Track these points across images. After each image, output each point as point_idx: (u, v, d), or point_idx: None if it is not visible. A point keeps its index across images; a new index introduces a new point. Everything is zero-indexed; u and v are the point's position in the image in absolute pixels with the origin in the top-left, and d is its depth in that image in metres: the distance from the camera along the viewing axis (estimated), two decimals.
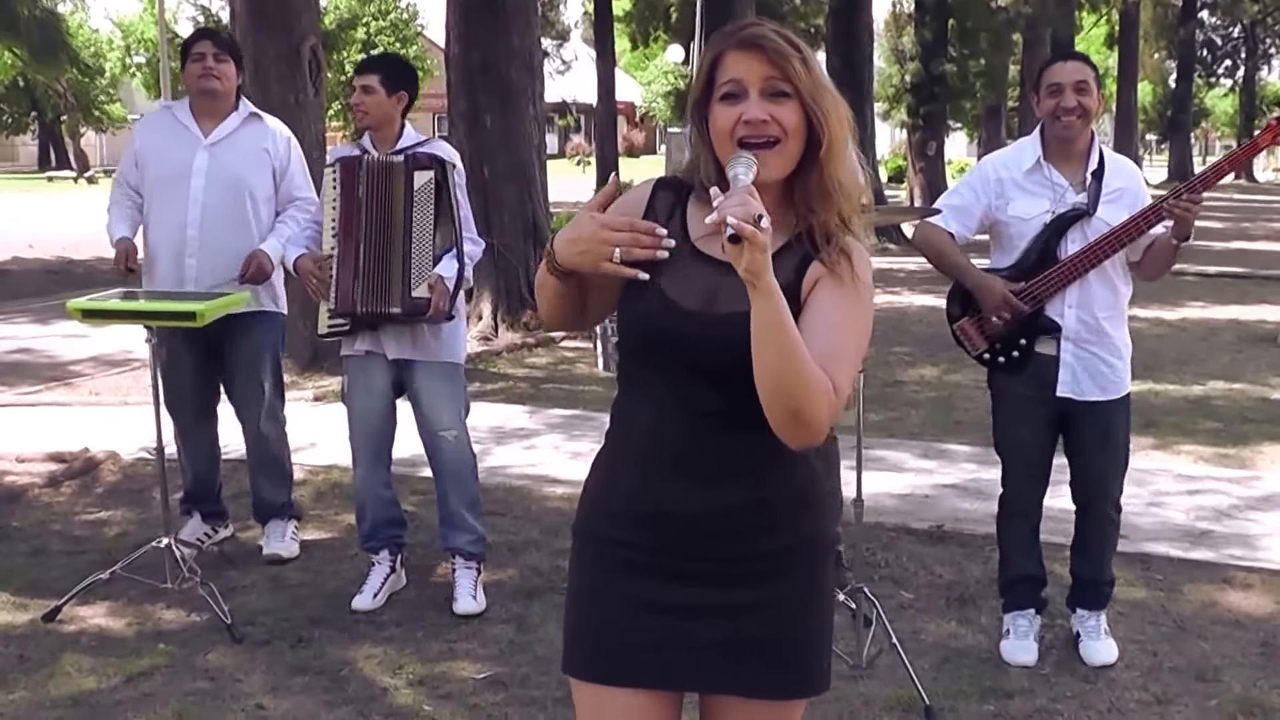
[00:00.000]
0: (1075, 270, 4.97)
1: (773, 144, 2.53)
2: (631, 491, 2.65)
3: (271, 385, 6.52)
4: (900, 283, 18.18)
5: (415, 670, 5.18)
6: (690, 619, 2.62)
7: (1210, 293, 16.73)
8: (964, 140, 55.91)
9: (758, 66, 2.52)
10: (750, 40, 2.53)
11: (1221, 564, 6.36)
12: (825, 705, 4.83)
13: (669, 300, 2.56)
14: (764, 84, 2.52)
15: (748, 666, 2.62)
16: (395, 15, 56.68)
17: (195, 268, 6.19)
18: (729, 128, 2.53)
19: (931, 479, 7.96)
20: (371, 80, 5.74)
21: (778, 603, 2.63)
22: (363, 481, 5.97)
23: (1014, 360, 5.16)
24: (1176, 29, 58.56)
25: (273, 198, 6.37)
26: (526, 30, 13.82)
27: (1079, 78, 4.96)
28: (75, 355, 12.69)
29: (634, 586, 2.65)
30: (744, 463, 2.59)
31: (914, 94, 29.96)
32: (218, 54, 6.27)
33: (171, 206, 6.23)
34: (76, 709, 4.83)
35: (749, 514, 2.60)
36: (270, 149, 6.36)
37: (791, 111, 2.52)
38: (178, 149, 6.27)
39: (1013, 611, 5.37)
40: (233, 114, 6.35)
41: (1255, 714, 4.78)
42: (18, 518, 7.18)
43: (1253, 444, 8.83)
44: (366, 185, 5.66)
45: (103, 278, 11.28)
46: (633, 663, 2.65)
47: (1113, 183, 5.01)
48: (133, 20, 58.92)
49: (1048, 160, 5.07)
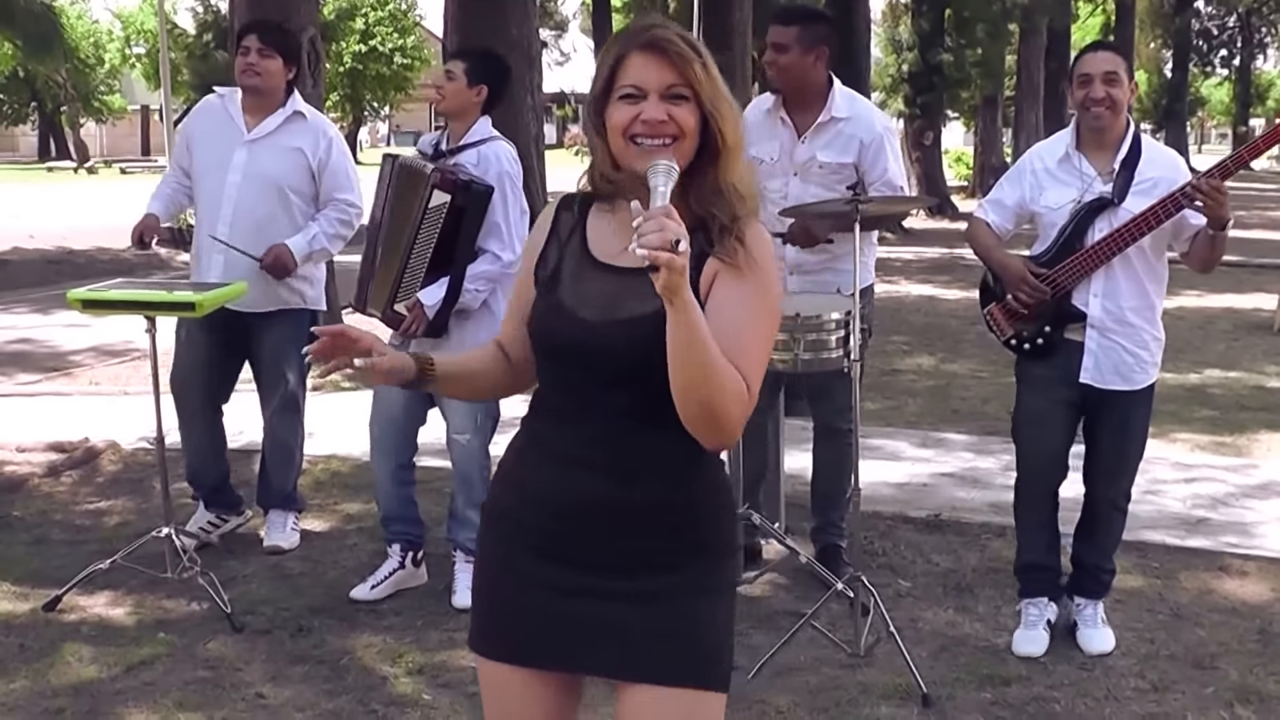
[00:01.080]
0: (1097, 257, 4.98)
1: (669, 143, 2.56)
2: (545, 480, 2.71)
3: (294, 379, 6.52)
4: (897, 272, 18.19)
5: (415, 659, 5.19)
6: (589, 604, 2.67)
7: (1206, 281, 16.56)
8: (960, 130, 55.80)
9: (659, 71, 2.55)
10: (654, 44, 2.56)
11: (1218, 552, 6.38)
12: (824, 694, 4.85)
13: (568, 311, 2.66)
14: (664, 89, 2.55)
15: (642, 652, 2.66)
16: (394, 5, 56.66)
17: (223, 263, 6.17)
18: (625, 124, 2.56)
19: (929, 468, 7.98)
20: (456, 67, 5.73)
21: (676, 594, 2.67)
22: (378, 474, 5.99)
23: (1039, 347, 5.19)
24: (1172, 18, 58.57)
25: (311, 197, 6.31)
26: (524, 20, 13.81)
27: (1108, 68, 4.97)
28: (75, 345, 12.69)
29: (539, 570, 2.70)
30: (657, 462, 2.64)
31: (911, 84, 29.93)
32: (262, 49, 6.21)
33: (208, 200, 6.25)
34: (77, 698, 4.85)
35: (659, 511, 2.66)
36: (307, 148, 6.27)
37: (689, 113, 2.56)
38: (221, 141, 6.26)
39: (1026, 599, 5.39)
40: (278, 110, 6.29)
41: (1252, 701, 4.80)
42: (18, 507, 7.18)
43: (1249, 432, 8.85)
44: (394, 186, 5.66)
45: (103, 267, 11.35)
46: (532, 643, 2.71)
47: (1146, 172, 5.00)
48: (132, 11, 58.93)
49: (1080, 150, 5.10)
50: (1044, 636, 5.28)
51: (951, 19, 30.57)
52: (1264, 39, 69.36)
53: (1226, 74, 71.77)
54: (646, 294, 2.39)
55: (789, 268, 5.94)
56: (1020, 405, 5.37)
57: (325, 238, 6.22)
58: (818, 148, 5.83)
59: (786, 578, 6.02)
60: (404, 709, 4.77)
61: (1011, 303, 5.17)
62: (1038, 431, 5.30)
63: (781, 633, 5.21)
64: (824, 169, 5.81)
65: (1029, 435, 5.35)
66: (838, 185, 5.69)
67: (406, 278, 5.56)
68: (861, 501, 5.32)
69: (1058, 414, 5.21)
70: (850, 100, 5.93)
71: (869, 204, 5.22)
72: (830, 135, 5.83)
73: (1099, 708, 4.77)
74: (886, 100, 32.43)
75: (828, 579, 5.56)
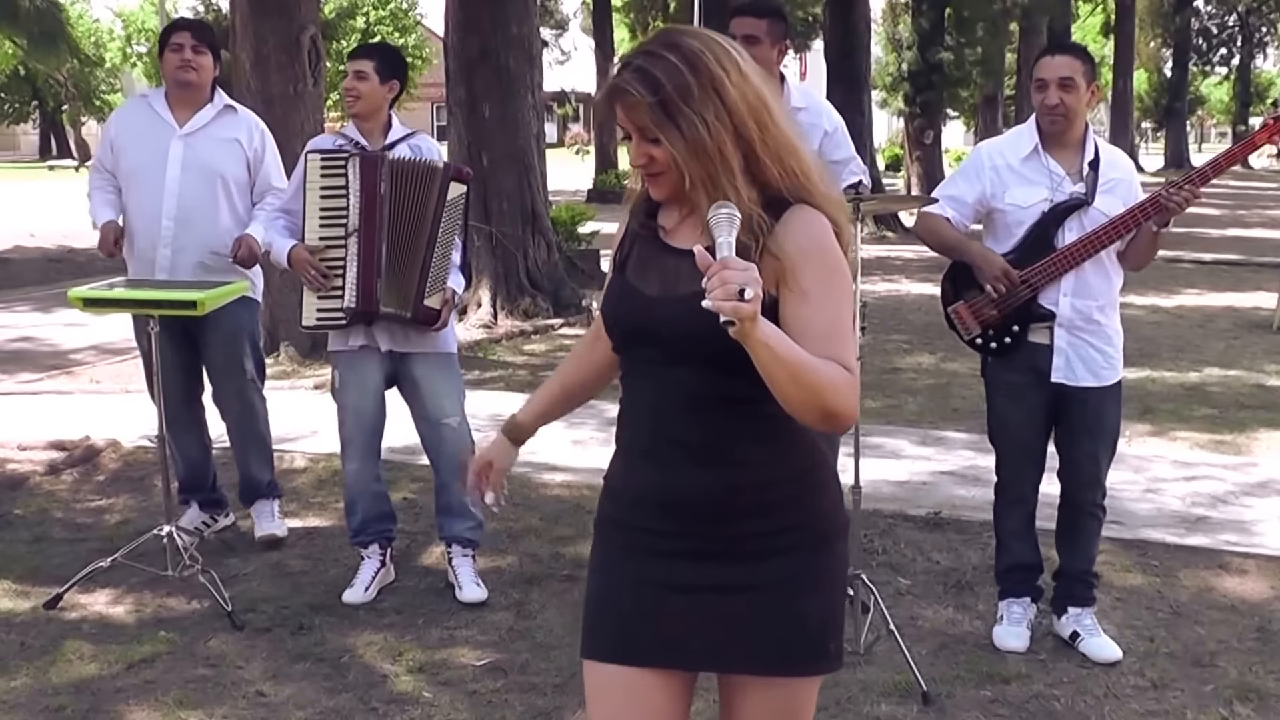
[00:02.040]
0: (1072, 259, 4.99)
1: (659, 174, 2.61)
2: (638, 477, 2.72)
3: (253, 366, 6.55)
4: (898, 270, 18.19)
5: (415, 657, 5.20)
6: (697, 599, 2.65)
7: (1206, 280, 16.74)
8: (961, 129, 55.86)
9: (625, 116, 2.58)
10: (609, 95, 2.59)
11: (1217, 550, 6.38)
12: (824, 692, 4.84)
13: (631, 289, 2.70)
14: (637, 131, 2.58)
15: (754, 644, 2.65)
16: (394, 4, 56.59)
17: (169, 258, 6.20)
18: (632, 161, 2.65)
19: (929, 466, 7.98)
20: (365, 66, 5.73)
21: (782, 581, 2.65)
22: (355, 476, 5.96)
23: (1005, 346, 5.20)
24: (1172, 17, 58.60)
25: (248, 188, 6.39)
26: (525, 19, 13.83)
27: (1064, 74, 4.98)
28: (76, 344, 12.70)
29: (644, 568, 2.70)
30: (743, 442, 2.62)
31: (911, 82, 29.95)
32: (196, 45, 6.28)
33: (147, 196, 6.24)
34: (78, 696, 4.85)
35: (751, 493, 2.63)
36: (243, 139, 6.36)
37: (663, 151, 2.56)
38: (153, 139, 6.28)
39: (1008, 599, 5.39)
40: (208, 105, 6.34)
41: (1251, 699, 4.80)
42: (19, 505, 7.19)
43: (1248, 430, 8.85)
44: (391, 184, 5.62)
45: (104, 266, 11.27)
46: (643, 643, 2.69)
47: (1108, 173, 5.04)
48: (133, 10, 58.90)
49: (1045, 149, 5.10)
50: (1025, 634, 5.30)
51: (951, 18, 30.60)
52: (1264, 38, 69.42)
53: (1226, 73, 71.82)
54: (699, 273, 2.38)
55: None
56: (993, 411, 5.38)
57: (281, 227, 6.21)
58: None
59: None
60: (404, 706, 4.78)
61: (982, 297, 5.17)
62: (1013, 435, 5.31)
63: None
64: None
65: (1005, 439, 5.35)
66: None
67: (434, 271, 5.61)
68: (862, 499, 5.32)
69: (1032, 417, 5.23)
70: (805, 92, 6.00)
71: (869, 202, 5.22)
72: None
73: (1098, 705, 4.77)
74: (887, 99, 32.51)
75: None
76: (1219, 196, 36.59)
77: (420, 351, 5.79)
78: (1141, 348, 11.66)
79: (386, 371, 5.85)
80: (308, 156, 5.75)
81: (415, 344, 5.77)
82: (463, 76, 13.62)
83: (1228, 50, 69.36)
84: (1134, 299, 14.79)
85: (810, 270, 2.55)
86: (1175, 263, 17.76)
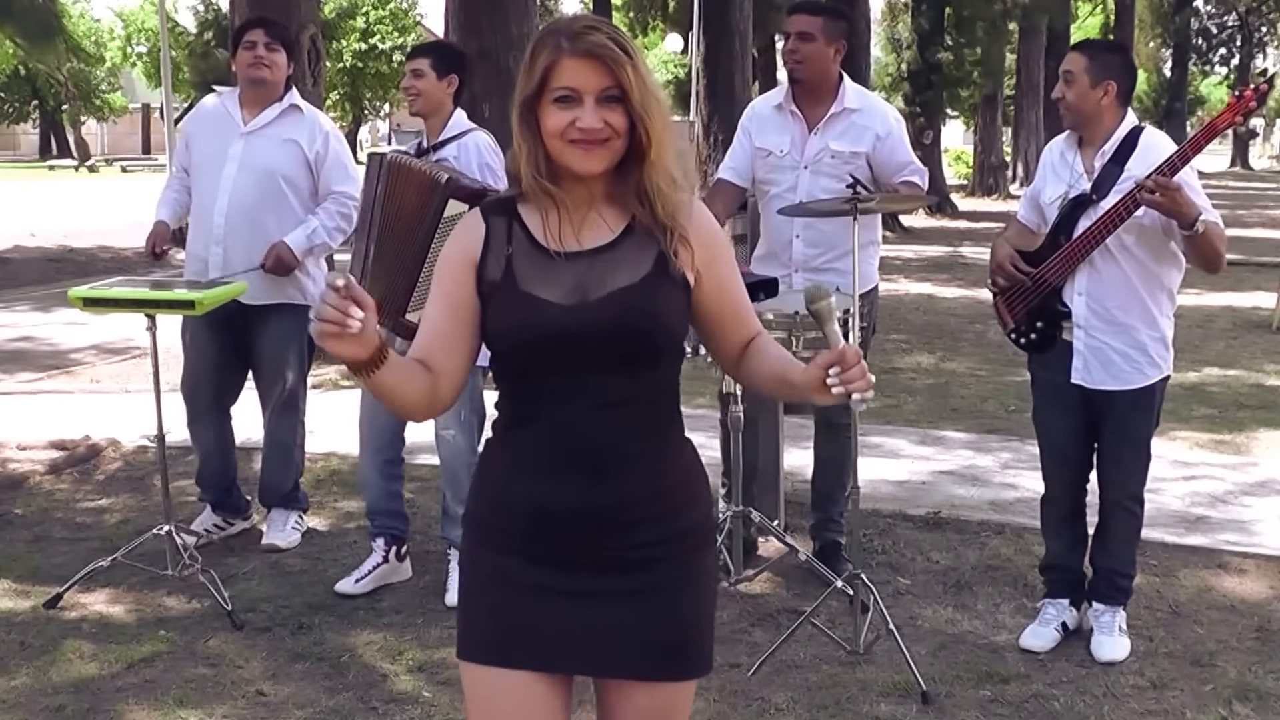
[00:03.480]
0: (1075, 255, 4.99)
1: (604, 141, 2.60)
2: (527, 486, 2.70)
3: (294, 377, 6.51)
4: (898, 270, 18.21)
5: (415, 656, 5.20)
6: (576, 604, 2.69)
7: (1205, 279, 16.51)
8: (960, 129, 55.87)
9: (594, 76, 2.56)
10: (589, 51, 2.56)
11: (1217, 549, 6.39)
12: (823, 691, 4.86)
13: (540, 301, 2.63)
14: (599, 92, 2.57)
15: (635, 650, 2.71)
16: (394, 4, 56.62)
17: (221, 255, 6.18)
18: (560, 129, 2.58)
19: (928, 466, 7.99)
20: (422, 64, 5.74)
21: (659, 588, 2.71)
22: (363, 468, 6.02)
23: (1032, 342, 5.23)
24: (1172, 17, 58.61)
25: (309, 190, 6.31)
26: (525, 19, 13.80)
27: (1065, 67, 5.04)
28: (76, 343, 12.69)
29: (526, 573, 2.71)
30: (636, 455, 2.67)
31: (911, 82, 29.98)
32: (269, 43, 6.24)
33: (206, 193, 6.25)
34: (78, 695, 4.85)
35: (640, 504, 2.68)
36: (303, 140, 6.27)
37: (621, 115, 2.58)
38: (218, 136, 6.28)
39: (1045, 599, 5.41)
40: (275, 104, 6.30)
41: (1250, 699, 4.80)
42: (19, 505, 7.19)
43: (1248, 430, 8.86)
44: (385, 185, 5.54)
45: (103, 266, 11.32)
46: (524, 646, 2.71)
47: (1133, 170, 4.95)
48: (134, 10, 58.96)
49: (1079, 146, 5.13)
50: (1053, 635, 5.28)
51: (951, 18, 30.63)
52: (1263, 38, 69.36)
53: (1226, 73, 71.79)
54: (616, 271, 2.64)
55: (794, 265, 5.95)
56: (1034, 406, 5.41)
57: (325, 231, 6.22)
58: (830, 138, 5.83)
59: (786, 575, 6.02)
60: (404, 706, 4.78)
61: (993, 288, 5.23)
62: (1048, 432, 5.34)
63: (781, 630, 5.22)
64: (836, 159, 5.80)
65: (1042, 436, 5.38)
66: (850, 176, 5.71)
67: (419, 288, 5.44)
68: (861, 499, 5.32)
69: (1067, 416, 5.21)
70: (860, 93, 5.97)
71: (869, 202, 5.23)
72: (844, 126, 5.84)
73: (1098, 705, 4.77)
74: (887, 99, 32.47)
75: (827, 576, 5.56)
76: (1219, 196, 36.50)
77: None
78: None
79: None
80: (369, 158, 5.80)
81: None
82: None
83: (1228, 50, 69.37)
84: None
85: (724, 256, 2.78)
86: None
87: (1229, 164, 67.76)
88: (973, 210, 31.71)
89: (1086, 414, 5.19)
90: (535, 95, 2.60)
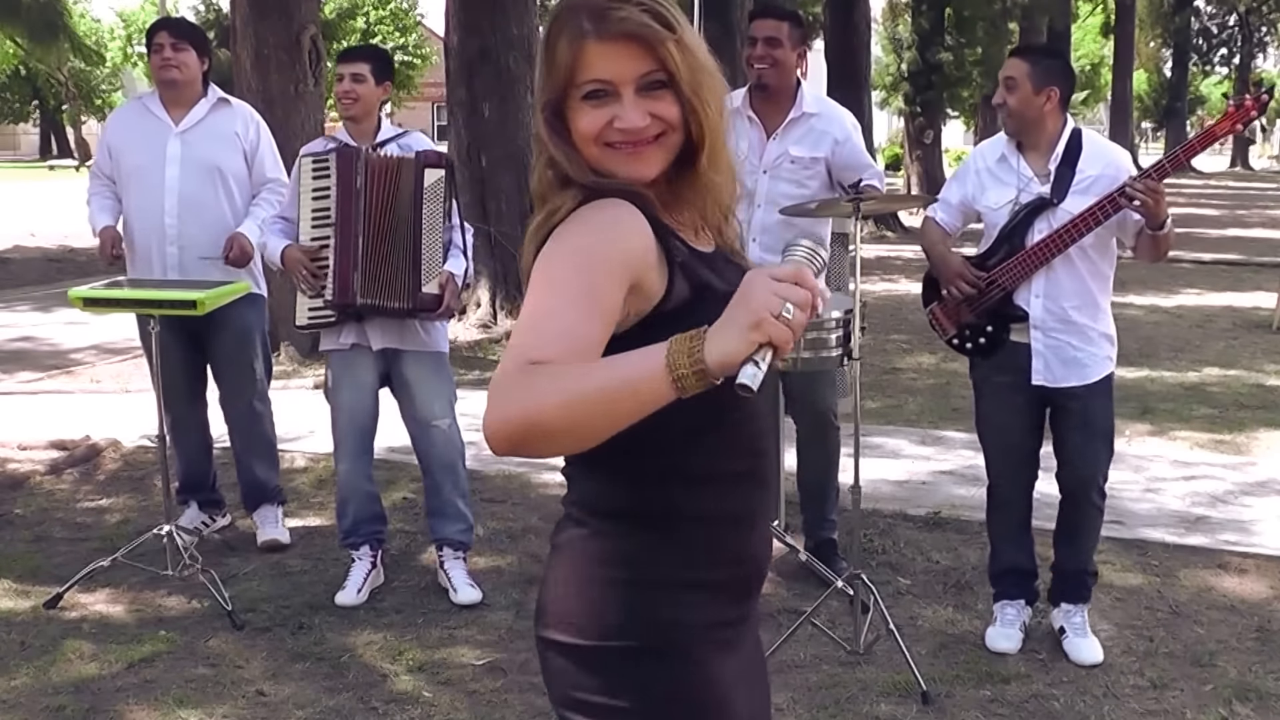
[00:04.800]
0: (1037, 258, 4.98)
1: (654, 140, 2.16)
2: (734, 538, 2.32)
3: (261, 366, 6.54)
4: (897, 270, 18.20)
5: (415, 656, 5.20)
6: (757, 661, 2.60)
7: (1205, 279, 16.73)
8: (960, 129, 55.85)
9: (630, 62, 2.10)
10: (619, 31, 2.09)
11: (1217, 549, 6.38)
12: (824, 691, 4.86)
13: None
14: (638, 80, 2.11)
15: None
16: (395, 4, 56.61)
17: (176, 255, 6.20)
18: (597, 131, 2.13)
19: (929, 466, 7.98)
20: (363, 69, 5.73)
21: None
22: (347, 476, 5.94)
23: (981, 346, 5.21)
24: (1172, 17, 58.66)
25: (247, 180, 6.38)
26: (525, 19, 13.82)
27: (1006, 73, 5.04)
28: (77, 343, 12.71)
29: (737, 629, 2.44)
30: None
31: (911, 82, 29.95)
32: (175, 43, 6.26)
33: (148, 196, 6.23)
34: (78, 695, 4.86)
35: None
36: (240, 132, 6.36)
37: (670, 102, 2.13)
38: (150, 138, 6.28)
39: (1001, 601, 5.40)
40: (201, 100, 6.34)
41: (1250, 699, 4.81)
42: (19, 505, 7.20)
43: (1248, 430, 8.85)
44: (366, 177, 5.58)
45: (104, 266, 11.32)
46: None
47: (1086, 170, 4.99)
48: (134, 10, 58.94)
49: (1020, 151, 5.11)
50: (1017, 635, 5.29)
51: (951, 18, 30.59)
52: (1264, 38, 69.41)
53: (1226, 73, 71.82)
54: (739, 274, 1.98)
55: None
56: (980, 411, 5.40)
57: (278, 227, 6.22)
58: (789, 143, 5.83)
59: (786, 575, 6.02)
60: (404, 706, 4.78)
61: (948, 298, 5.21)
62: (1000, 437, 5.32)
63: (781, 630, 5.23)
64: (795, 164, 5.80)
65: (992, 441, 5.36)
66: (808, 181, 5.77)
67: (425, 257, 5.56)
68: (861, 499, 5.32)
69: (1018, 418, 5.21)
70: (817, 98, 5.99)
71: (868, 202, 5.23)
72: (802, 130, 5.85)
73: (1098, 705, 4.78)
74: (887, 99, 32.52)
75: (827, 577, 5.56)
76: (1219, 196, 36.60)
77: (412, 350, 5.77)
78: (1141, 347, 11.67)
79: (380, 370, 5.83)
80: (300, 160, 5.76)
81: (408, 342, 5.75)
82: (463, 76, 13.62)
83: (1228, 50, 69.39)
84: (1134, 299, 14.81)
85: None
86: (1175, 262, 17.64)
87: (1229, 164, 67.75)
88: None
89: (1041, 414, 5.21)
90: (560, 95, 2.15)
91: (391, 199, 5.59)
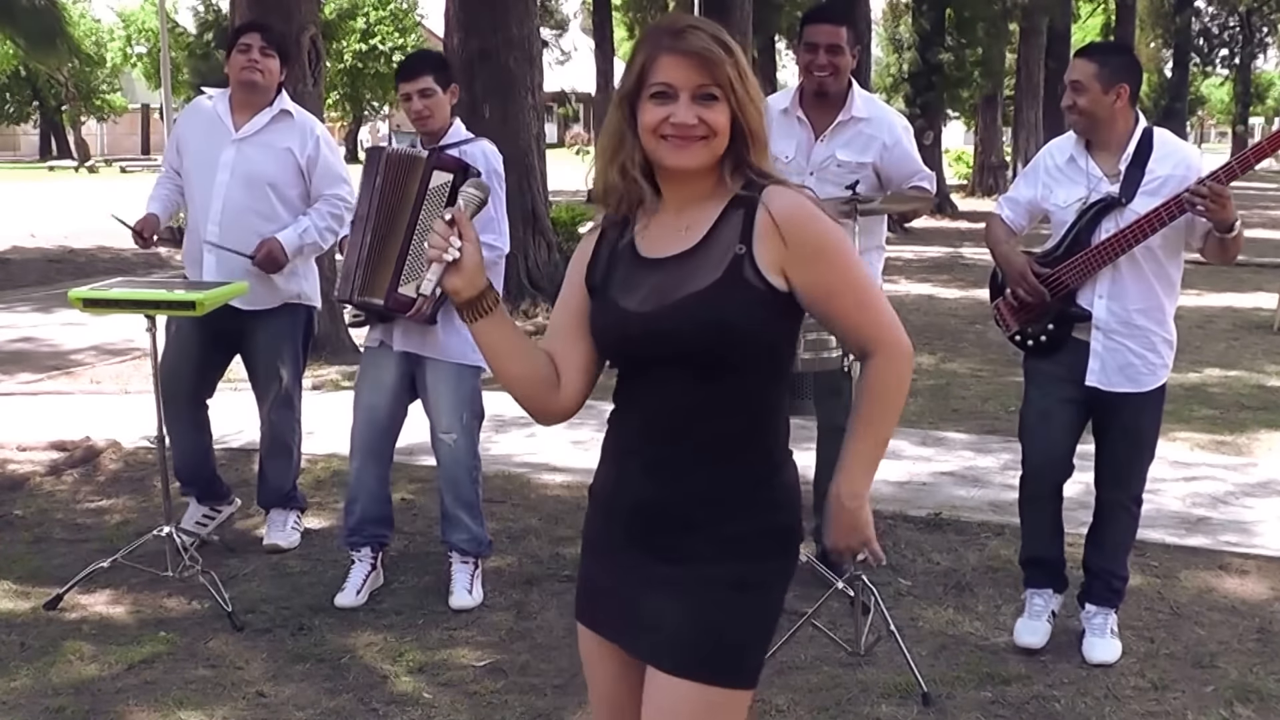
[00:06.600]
0: (1101, 257, 4.96)
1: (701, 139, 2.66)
2: (606, 470, 2.89)
3: (290, 376, 6.52)
4: (897, 271, 18.20)
5: (415, 658, 5.20)
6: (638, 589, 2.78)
7: (1206, 280, 16.68)
8: (960, 129, 55.83)
9: (691, 73, 2.63)
10: (688, 49, 2.63)
11: (1217, 550, 6.38)
12: (824, 692, 4.86)
13: (619, 307, 2.76)
14: (695, 89, 2.63)
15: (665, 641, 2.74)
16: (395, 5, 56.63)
17: (215, 264, 6.19)
18: (655, 124, 2.66)
19: (929, 466, 7.98)
20: (429, 82, 5.66)
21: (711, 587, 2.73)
22: (357, 475, 5.93)
23: (1042, 345, 5.19)
24: (1172, 17, 58.57)
25: (300, 194, 6.32)
26: (525, 19, 13.83)
27: (1073, 76, 5.00)
28: (77, 344, 12.69)
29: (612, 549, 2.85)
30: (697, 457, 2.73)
31: (911, 83, 30.00)
32: (264, 47, 6.24)
33: (199, 199, 6.27)
34: (78, 696, 4.86)
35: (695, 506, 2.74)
36: (295, 146, 6.28)
37: (720, 113, 2.64)
38: (210, 141, 6.28)
39: (1029, 589, 5.40)
40: (265, 109, 6.29)
41: (1251, 700, 4.80)
42: (19, 506, 7.20)
43: (1249, 431, 8.85)
44: (384, 176, 5.59)
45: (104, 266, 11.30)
46: (600, 616, 2.90)
47: (1156, 171, 4.95)
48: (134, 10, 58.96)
49: (1089, 150, 5.09)
50: (1045, 628, 5.28)
51: (952, 18, 30.65)
52: (1264, 38, 69.34)
53: (1227, 73, 71.80)
54: (691, 277, 2.66)
55: None
56: (1027, 402, 5.36)
57: (316, 231, 6.22)
58: (836, 146, 5.82)
59: None
60: (404, 707, 4.78)
61: (1011, 299, 5.19)
62: (1043, 429, 5.28)
63: (782, 631, 5.21)
64: (842, 168, 5.78)
65: (1034, 432, 5.32)
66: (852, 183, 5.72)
67: (410, 259, 5.50)
68: None
69: (1064, 412, 5.20)
70: (868, 101, 5.95)
71: (869, 204, 5.22)
72: (850, 134, 5.83)
73: (1099, 706, 4.77)
74: (888, 99, 32.49)
75: (828, 578, 5.55)
76: None
77: (432, 358, 5.73)
78: None
79: (404, 372, 5.80)
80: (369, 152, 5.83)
81: (429, 349, 5.70)
82: (463, 77, 13.53)
83: (1228, 51, 69.32)
84: None
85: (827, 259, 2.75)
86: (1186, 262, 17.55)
87: None
88: (973, 210, 31.66)
89: (1086, 413, 5.19)
90: (634, 90, 2.68)
91: (399, 197, 5.57)
